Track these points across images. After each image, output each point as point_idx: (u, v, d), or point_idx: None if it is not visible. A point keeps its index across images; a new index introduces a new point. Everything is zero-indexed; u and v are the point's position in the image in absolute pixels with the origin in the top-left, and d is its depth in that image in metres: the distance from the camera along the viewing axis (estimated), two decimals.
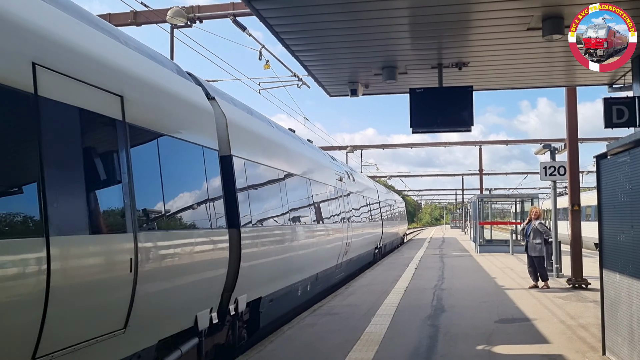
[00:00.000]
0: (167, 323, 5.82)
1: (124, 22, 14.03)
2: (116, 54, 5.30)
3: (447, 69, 8.81)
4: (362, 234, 19.20)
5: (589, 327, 8.40)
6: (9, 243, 3.67)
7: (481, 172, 45.02)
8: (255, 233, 8.23)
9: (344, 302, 11.21)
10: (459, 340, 7.74)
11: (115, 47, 5.40)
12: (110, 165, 4.88)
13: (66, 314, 4.16)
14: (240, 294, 7.60)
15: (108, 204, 4.85)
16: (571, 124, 13.29)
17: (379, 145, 43.59)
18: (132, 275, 4.86)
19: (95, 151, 4.73)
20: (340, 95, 10.65)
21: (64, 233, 4.14)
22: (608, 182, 6.48)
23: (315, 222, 12.34)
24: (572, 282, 12.83)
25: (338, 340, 7.78)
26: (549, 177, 14.29)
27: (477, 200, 26.49)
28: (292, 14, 6.77)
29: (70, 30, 4.68)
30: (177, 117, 6.23)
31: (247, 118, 8.82)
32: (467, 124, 8.48)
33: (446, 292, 12.44)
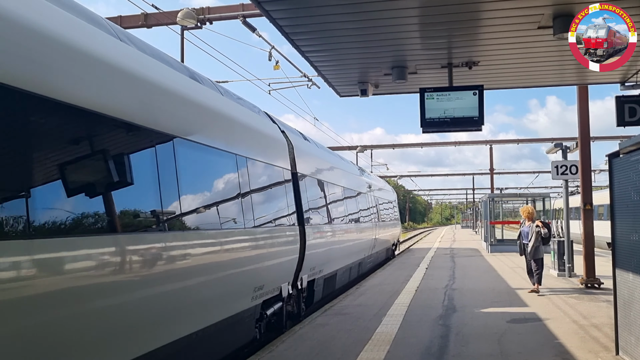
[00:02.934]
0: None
1: (134, 24, 14.11)
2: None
3: (457, 69, 8.79)
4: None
5: (602, 327, 8.35)
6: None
7: (492, 171, 44.81)
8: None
9: (355, 302, 11.21)
10: (470, 340, 7.73)
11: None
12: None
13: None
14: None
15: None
16: (583, 123, 13.20)
17: (389, 145, 43.46)
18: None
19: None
20: (350, 95, 10.65)
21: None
22: (621, 181, 6.43)
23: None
24: (584, 281, 12.75)
25: (349, 340, 7.79)
26: (560, 176, 14.19)
27: (488, 200, 26.37)
28: (302, 15, 6.78)
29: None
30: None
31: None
32: (478, 123, 8.46)
33: (457, 292, 12.40)
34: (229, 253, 7.01)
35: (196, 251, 6.02)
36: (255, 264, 7.75)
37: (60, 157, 4.20)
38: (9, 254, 3.60)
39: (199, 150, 6.33)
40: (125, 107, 4.82)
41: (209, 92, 7.12)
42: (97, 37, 4.83)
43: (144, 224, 5.07)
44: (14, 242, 3.62)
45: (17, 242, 3.65)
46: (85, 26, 4.74)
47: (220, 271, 6.60)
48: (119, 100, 4.78)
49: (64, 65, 4.21)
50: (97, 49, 4.69)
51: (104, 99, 4.57)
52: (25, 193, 3.79)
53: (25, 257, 3.71)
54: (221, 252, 6.77)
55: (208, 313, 6.38)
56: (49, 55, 4.08)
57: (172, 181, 5.54)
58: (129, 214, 4.83)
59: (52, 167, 4.09)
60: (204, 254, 6.24)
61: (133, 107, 4.96)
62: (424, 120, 8.50)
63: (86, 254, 4.25)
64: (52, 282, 3.89)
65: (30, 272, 3.72)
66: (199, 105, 6.49)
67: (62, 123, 4.21)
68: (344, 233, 14.59)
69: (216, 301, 6.61)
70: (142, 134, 5.06)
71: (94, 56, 4.58)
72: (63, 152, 4.26)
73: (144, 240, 4.95)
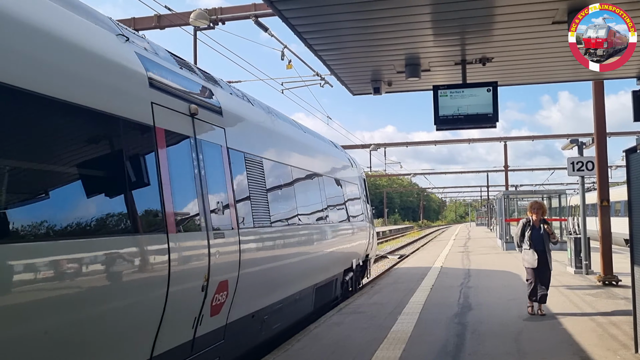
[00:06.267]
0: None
1: (147, 25, 14.21)
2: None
3: (470, 65, 8.73)
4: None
5: (620, 325, 8.25)
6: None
7: (506, 168, 44.50)
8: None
9: (370, 301, 11.19)
10: (487, 338, 7.68)
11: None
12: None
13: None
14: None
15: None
16: (599, 118, 13.05)
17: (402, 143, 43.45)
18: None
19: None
20: (363, 93, 10.64)
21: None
22: (638, 177, 6.35)
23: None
24: (602, 279, 12.61)
25: (365, 339, 7.78)
26: (576, 172, 14.04)
27: (503, 197, 26.19)
28: (314, 14, 6.77)
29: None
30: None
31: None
32: (492, 120, 8.40)
33: (473, 289, 12.33)
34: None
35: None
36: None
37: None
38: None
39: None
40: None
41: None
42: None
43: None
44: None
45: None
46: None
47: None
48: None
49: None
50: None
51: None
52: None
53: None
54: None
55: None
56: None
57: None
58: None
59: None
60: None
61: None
62: (438, 117, 8.46)
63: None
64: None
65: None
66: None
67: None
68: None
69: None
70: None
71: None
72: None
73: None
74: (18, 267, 3.59)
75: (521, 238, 9.39)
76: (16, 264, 3.58)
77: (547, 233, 9.25)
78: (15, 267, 3.57)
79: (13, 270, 3.55)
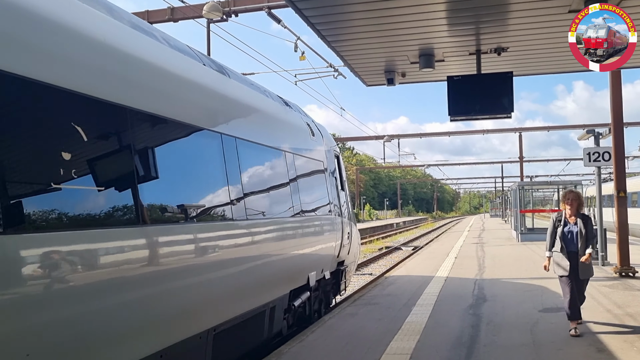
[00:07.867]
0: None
1: (161, 18, 14.26)
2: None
3: (485, 55, 8.66)
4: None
5: (636, 316, 8.19)
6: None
7: (521, 159, 44.16)
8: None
9: (384, 292, 11.20)
10: (502, 329, 7.65)
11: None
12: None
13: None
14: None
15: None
16: (616, 108, 12.88)
17: (416, 134, 43.31)
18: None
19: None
20: (377, 84, 10.60)
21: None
22: None
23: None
24: (618, 270, 12.51)
25: (379, 330, 7.79)
26: (593, 163, 13.88)
27: (518, 188, 26.01)
28: (327, 4, 6.75)
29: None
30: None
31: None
32: (507, 110, 8.34)
33: (487, 281, 12.29)
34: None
35: None
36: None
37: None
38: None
39: None
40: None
41: None
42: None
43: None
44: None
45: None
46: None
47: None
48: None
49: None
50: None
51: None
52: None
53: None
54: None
55: None
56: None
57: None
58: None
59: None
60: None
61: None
62: (452, 108, 8.41)
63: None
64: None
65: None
66: None
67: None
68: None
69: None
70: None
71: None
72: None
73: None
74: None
75: (551, 240, 7.36)
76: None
77: (583, 230, 7.16)
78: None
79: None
